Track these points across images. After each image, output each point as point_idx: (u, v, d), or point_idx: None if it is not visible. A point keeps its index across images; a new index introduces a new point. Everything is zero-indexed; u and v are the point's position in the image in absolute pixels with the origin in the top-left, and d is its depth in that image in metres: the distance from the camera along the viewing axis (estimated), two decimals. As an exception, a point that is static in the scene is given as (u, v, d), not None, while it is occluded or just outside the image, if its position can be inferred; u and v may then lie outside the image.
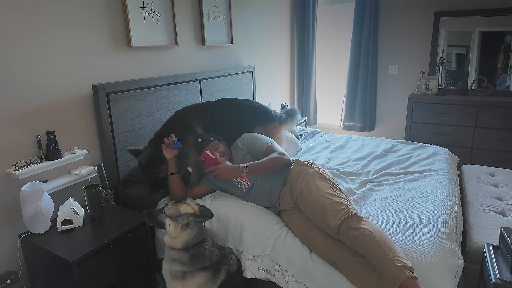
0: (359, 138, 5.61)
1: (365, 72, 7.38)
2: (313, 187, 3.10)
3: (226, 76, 5.54)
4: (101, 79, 3.83)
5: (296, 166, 3.37)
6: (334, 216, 2.83)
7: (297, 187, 3.19)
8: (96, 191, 3.29)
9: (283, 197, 3.30)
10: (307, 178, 3.20)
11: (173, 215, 2.86)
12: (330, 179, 3.23)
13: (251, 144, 3.55)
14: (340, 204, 2.91)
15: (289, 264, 3.00)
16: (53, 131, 3.37)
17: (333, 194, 3.02)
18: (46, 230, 3.16)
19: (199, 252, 2.89)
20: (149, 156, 3.62)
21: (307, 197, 3.06)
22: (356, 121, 7.69)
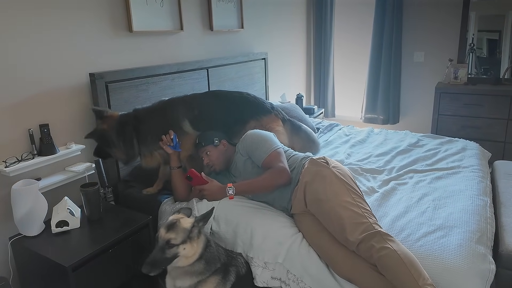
0: (382, 131, 5.59)
1: (388, 60, 7.35)
2: (330, 193, 2.97)
3: (236, 64, 5.53)
4: (99, 67, 3.82)
5: (311, 166, 3.21)
6: (354, 231, 2.75)
7: (311, 192, 3.09)
8: (94, 190, 3.27)
9: (295, 200, 3.22)
10: (323, 181, 3.08)
11: (185, 238, 2.75)
12: (349, 182, 3.13)
13: (249, 150, 3.45)
14: (360, 217, 2.81)
15: (305, 274, 2.94)
16: (47, 124, 3.36)
17: (352, 203, 2.92)
18: (39, 233, 3.14)
19: (210, 253, 2.86)
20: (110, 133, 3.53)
21: (323, 205, 2.97)
22: (378, 113, 7.68)
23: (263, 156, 3.33)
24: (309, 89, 8.37)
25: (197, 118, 3.72)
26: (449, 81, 6.82)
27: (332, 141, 5.18)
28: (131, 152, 3.57)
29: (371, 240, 2.66)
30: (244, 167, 3.46)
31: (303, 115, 5.68)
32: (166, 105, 3.73)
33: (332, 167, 3.17)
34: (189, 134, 3.67)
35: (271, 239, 3.09)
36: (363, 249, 2.68)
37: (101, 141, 3.47)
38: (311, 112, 7.09)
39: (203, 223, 2.82)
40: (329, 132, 5.62)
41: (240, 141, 3.54)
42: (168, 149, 3.51)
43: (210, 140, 3.54)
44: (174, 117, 3.66)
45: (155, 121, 3.61)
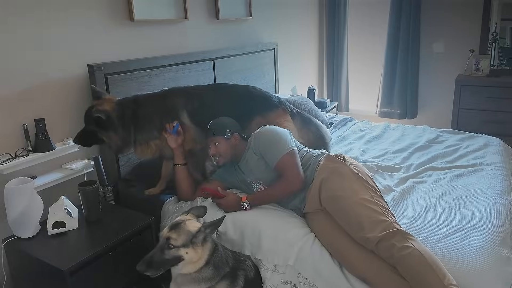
0: (399, 126, 5.58)
1: (405, 51, 7.32)
2: (348, 190, 3.00)
3: (244, 55, 5.52)
4: (98, 58, 3.81)
5: (327, 162, 3.24)
6: (373, 229, 2.75)
7: (328, 189, 3.10)
8: (93, 189, 3.26)
9: (309, 198, 3.21)
10: (340, 178, 3.11)
11: (187, 241, 2.73)
12: (368, 180, 3.14)
13: (262, 150, 3.41)
14: (379, 215, 2.83)
15: (317, 277, 2.92)
16: (43, 118, 3.36)
17: (371, 201, 2.93)
18: (34, 234, 3.13)
19: (218, 258, 2.84)
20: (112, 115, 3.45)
21: (340, 202, 2.97)
22: (395, 107, 7.66)
23: (276, 159, 3.29)
24: (322, 82, 8.36)
25: (196, 111, 3.68)
26: (471, 73, 6.78)
27: (346, 137, 5.19)
28: (127, 139, 3.52)
29: (391, 239, 2.66)
30: (257, 166, 3.43)
31: (315, 109, 5.68)
32: (167, 93, 3.71)
33: (349, 164, 3.19)
34: (185, 126, 3.64)
35: (281, 240, 3.07)
36: (383, 248, 2.67)
37: (99, 123, 3.37)
38: (324, 106, 7.08)
39: (210, 230, 2.80)
40: (343, 127, 5.62)
41: (253, 137, 3.49)
42: (172, 141, 3.52)
43: (222, 131, 3.47)
44: (173, 106, 3.64)
45: (154, 107, 3.59)
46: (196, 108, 3.69)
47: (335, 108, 7.68)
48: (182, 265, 2.71)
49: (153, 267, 2.64)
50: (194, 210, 2.96)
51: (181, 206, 3.51)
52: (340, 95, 8.21)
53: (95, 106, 3.41)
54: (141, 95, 3.65)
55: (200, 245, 2.74)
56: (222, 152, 3.46)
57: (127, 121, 3.48)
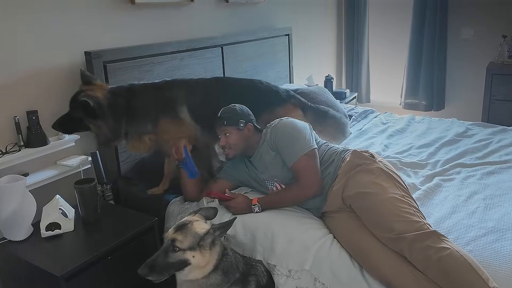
0: (424, 119, 5.58)
1: (432, 37, 7.29)
2: (377, 187, 2.99)
3: (256, 41, 5.53)
4: (96, 44, 3.80)
5: (354, 159, 3.23)
6: (405, 229, 2.72)
7: (355, 186, 3.08)
8: (90, 187, 3.25)
9: (331, 195, 3.19)
10: (368, 174, 3.09)
11: (194, 244, 2.70)
12: (398, 179, 3.13)
13: (280, 147, 3.36)
14: (411, 215, 2.81)
15: (335, 282, 2.91)
16: (36, 110, 3.35)
17: (402, 200, 2.91)
18: (26, 237, 3.12)
19: (227, 263, 2.82)
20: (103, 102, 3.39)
21: (369, 201, 2.95)
22: (420, 98, 7.65)
23: (293, 158, 3.26)
24: (340, 70, 8.37)
25: (198, 106, 3.66)
26: (503, 60, 6.73)
27: (367, 131, 5.18)
28: (118, 131, 3.46)
29: (426, 240, 2.64)
30: (273, 163, 3.39)
31: (332, 100, 5.65)
32: (167, 84, 3.69)
33: (378, 161, 3.19)
34: (183, 122, 3.61)
35: (296, 243, 3.06)
36: (417, 250, 2.64)
37: (86, 109, 3.29)
38: (342, 97, 7.06)
39: (220, 233, 2.77)
40: (363, 120, 5.63)
41: (270, 130, 3.44)
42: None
43: (235, 121, 3.41)
44: (172, 99, 3.61)
45: (151, 99, 3.56)
46: (198, 103, 3.66)
47: (355, 99, 7.69)
48: (188, 270, 2.69)
49: (156, 271, 2.62)
50: (203, 211, 2.94)
51: (187, 207, 3.50)
52: (360, 85, 8.21)
53: (84, 91, 3.36)
54: (137, 84, 3.62)
55: (208, 249, 2.71)
56: (233, 144, 3.41)
57: (118, 111, 3.42)
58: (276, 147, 3.34)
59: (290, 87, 5.50)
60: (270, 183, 3.43)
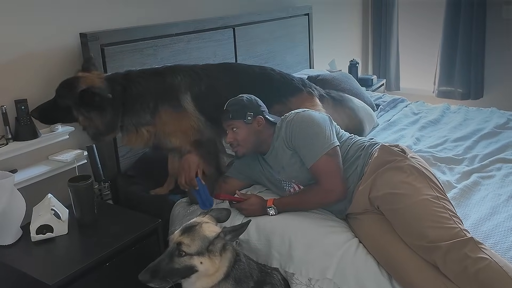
0: (461, 109, 5.56)
1: (469, 16, 7.25)
2: (409, 187, 2.94)
3: (271, 21, 5.53)
4: (92, 25, 3.80)
5: (382, 154, 3.18)
6: (439, 236, 2.69)
7: (384, 186, 3.04)
8: (86, 185, 3.23)
9: (356, 196, 3.17)
10: (399, 173, 3.05)
11: (202, 248, 2.67)
12: (432, 178, 3.08)
13: (296, 145, 3.32)
14: (447, 220, 2.76)
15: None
16: (25, 99, 3.36)
17: (437, 203, 2.86)
18: (15, 241, 3.12)
19: (240, 270, 2.80)
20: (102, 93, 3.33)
21: (399, 203, 2.91)
22: (456, 85, 7.63)
23: (312, 159, 3.22)
24: (366, 55, 8.38)
25: (202, 95, 3.64)
26: (551, 43, 6.68)
27: (396, 122, 5.17)
28: (114, 124, 3.42)
29: (463, 248, 2.61)
30: (290, 163, 3.35)
31: (358, 87, 5.66)
32: (169, 69, 3.66)
33: (410, 157, 3.13)
34: (186, 112, 3.58)
35: (316, 248, 3.04)
36: (453, 260, 2.61)
37: (84, 99, 3.25)
38: (369, 84, 7.07)
39: (231, 237, 2.75)
40: (392, 110, 5.62)
41: (285, 124, 3.39)
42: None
43: (241, 114, 3.37)
44: (174, 86, 3.58)
45: (149, 85, 3.51)
46: (203, 91, 3.65)
47: (383, 87, 7.72)
48: (195, 278, 2.68)
49: (159, 277, 2.61)
50: (214, 212, 2.94)
51: (194, 208, 3.49)
52: (389, 71, 8.21)
53: (81, 78, 3.34)
54: (134, 70, 3.58)
55: (218, 255, 2.69)
56: (241, 140, 3.37)
57: (116, 102, 3.39)
58: (293, 145, 3.31)
59: (310, 72, 5.52)
60: (287, 184, 3.41)
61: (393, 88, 8.22)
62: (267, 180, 3.51)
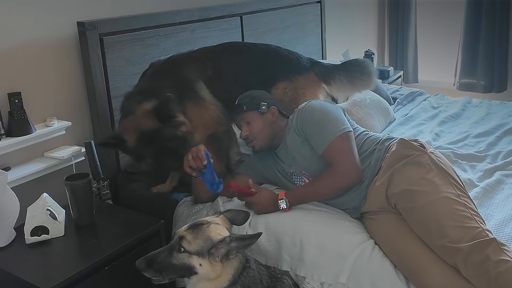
0: (483, 102, 5.55)
1: (492, 5, 7.23)
2: (428, 184, 2.92)
3: (281, 9, 5.52)
4: (91, 13, 3.79)
5: (401, 149, 3.16)
6: (460, 236, 2.67)
7: (401, 182, 3.01)
8: (84, 184, 3.22)
9: (372, 193, 3.15)
10: (418, 168, 3.02)
11: (203, 249, 2.64)
12: (453, 174, 3.06)
13: (307, 131, 3.34)
14: (468, 219, 2.74)
15: (376, 297, 2.90)
16: (19, 92, 3.35)
17: (458, 201, 2.84)
18: (8, 243, 3.11)
19: (249, 277, 2.77)
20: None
21: (418, 200, 2.89)
22: (479, 77, 7.61)
23: (324, 143, 3.23)
24: (382, 45, 8.39)
25: (212, 79, 3.65)
26: None
27: (414, 116, 5.16)
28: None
29: (485, 250, 2.59)
30: (300, 151, 3.36)
31: (373, 79, 5.59)
32: (170, 63, 3.65)
33: (429, 153, 3.10)
34: (204, 102, 3.59)
35: (329, 250, 3.03)
36: (475, 263, 2.60)
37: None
38: (385, 76, 7.08)
39: (237, 245, 2.69)
40: (410, 104, 5.63)
41: (296, 113, 3.42)
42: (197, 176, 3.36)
43: (255, 105, 3.40)
44: (185, 78, 3.58)
45: (171, 82, 3.51)
46: (210, 75, 3.67)
47: (400, 79, 7.69)
48: (196, 280, 2.67)
49: (154, 268, 2.60)
50: (230, 213, 2.91)
51: (199, 208, 3.49)
52: (406, 62, 8.22)
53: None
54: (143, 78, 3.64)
55: (218, 260, 2.65)
56: (256, 133, 3.38)
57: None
58: (304, 132, 3.32)
59: (323, 63, 5.49)
60: (298, 178, 3.41)
61: (411, 80, 8.23)
62: (279, 176, 3.50)
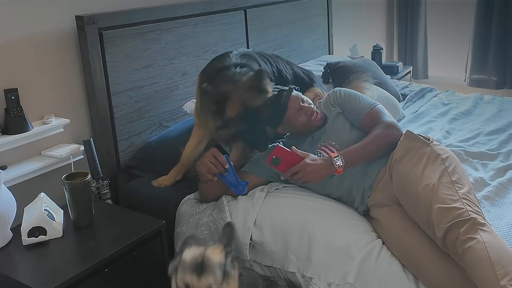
0: (495, 99, 5.53)
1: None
2: (424, 174, 2.95)
3: (287, 3, 5.52)
4: (90, 7, 3.79)
5: (405, 141, 3.19)
6: (442, 219, 2.69)
7: (398, 175, 3.05)
8: (83, 183, 3.21)
9: (379, 184, 3.19)
10: (416, 158, 3.05)
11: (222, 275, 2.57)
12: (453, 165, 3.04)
13: (347, 101, 3.50)
14: (452, 201, 2.75)
15: (385, 298, 2.90)
16: (15, 88, 3.34)
17: (448, 186, 2.85)
18: (4, 244, 3.10)
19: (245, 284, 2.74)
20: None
21: (411, 190, 2.93)
22: (490, 73, 7.61)
23: (365, 108, 3.39)
24: (391, 40, 8.40)
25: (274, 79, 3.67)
26: None
27: (424, 113, 5.15)
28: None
29: (458, 228, 2.62)
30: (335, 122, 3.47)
31: (382, 75, 5.64)
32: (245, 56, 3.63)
33: (432, 145, 3.13)
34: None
35: (337, 250, 3.03)
36: (449, 243, 2.64)
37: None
38: (394, 72, 7.08)
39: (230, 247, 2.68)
40: (420, 100, 5.61)
41: (329, 96, 3.65)
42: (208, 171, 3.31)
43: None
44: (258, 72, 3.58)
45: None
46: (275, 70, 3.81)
47: (409, 75, 7.70)
48: None
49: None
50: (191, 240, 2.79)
51: (203, 208, 3.48)
52: (416, 57, 8.22)
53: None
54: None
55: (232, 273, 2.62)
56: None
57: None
58: (340, 103, 3.53)
59: (329, 59, 5.52)
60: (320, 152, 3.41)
61: (421, 76, 8.24)
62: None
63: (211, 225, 3.34)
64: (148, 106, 4.07)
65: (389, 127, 3.27)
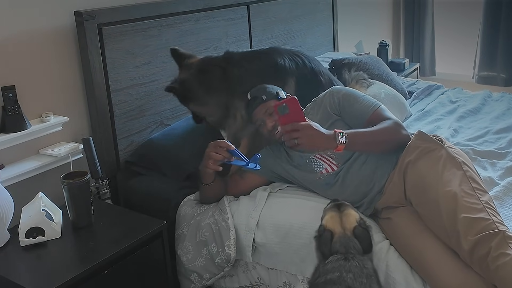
0: (504, 97, 5.51)
1: (513, -8, 7.20)
2: (442, 177, 2.92)
3: None
4: (89, 2, 3.78)
5: (417, 141, 3.15)
6: (469, 229, 2.66)
7: (414, 175, 3.02)
8: (82, 183, 3.20)
9: (389, 187, 3.15)
10: (433, 161, 3.03)
11: None
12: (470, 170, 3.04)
13: (347, 104, 3.38)
14: (478, 211, 2.73)
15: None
16: (13, 86, 3.33)
17: (470, 194, 2.83)
18: (1, 245, 3.09)
19: None
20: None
21: (429, 194, 2.90)
22: (499, 70, 7.60)
23: (365, 113, 3.31)
24: (397, 36, 8.40)
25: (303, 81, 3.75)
26: None
27: (431, 111, 5.13)
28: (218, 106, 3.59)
29: (489, 241, 2.59)
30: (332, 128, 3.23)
31: (388, 72, 5.64)
32: (273, 51, 3.77)
33: (447, 147, 3.12)
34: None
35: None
36: (478, 256, 2.61)
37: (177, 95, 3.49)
38: (400, 69, 7.06)
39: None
40: (427, 98, 5.59)
41: (326, 94, 3.53)
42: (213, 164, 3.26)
43: (273, 93, 3.40)
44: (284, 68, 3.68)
45: (253, 67, 3.62)
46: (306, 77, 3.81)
47: (416, 72, 7.68)
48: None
49: None
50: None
51: (204, 209, 3.48)
52: (423, 54, 8.22)
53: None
54: (236, 53, 3.74)
55: None
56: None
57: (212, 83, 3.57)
58: (338, 108, 3.41)
59: (334, 56, 5.52)
60: (318, 164, 3.37)
61: (428, 73, 8.24)
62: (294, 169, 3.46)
63: (212, 227, 3.33)
64: (148, 104, 4.07)
65: (398, 125, 3.23)
